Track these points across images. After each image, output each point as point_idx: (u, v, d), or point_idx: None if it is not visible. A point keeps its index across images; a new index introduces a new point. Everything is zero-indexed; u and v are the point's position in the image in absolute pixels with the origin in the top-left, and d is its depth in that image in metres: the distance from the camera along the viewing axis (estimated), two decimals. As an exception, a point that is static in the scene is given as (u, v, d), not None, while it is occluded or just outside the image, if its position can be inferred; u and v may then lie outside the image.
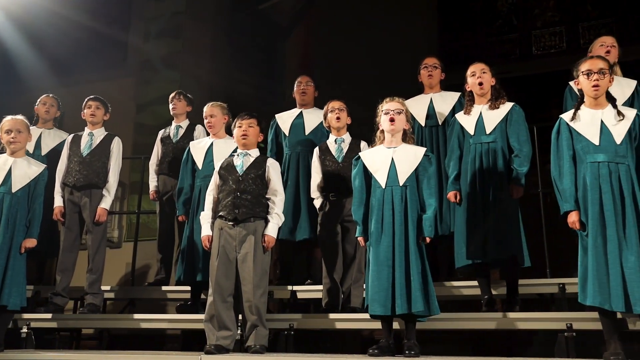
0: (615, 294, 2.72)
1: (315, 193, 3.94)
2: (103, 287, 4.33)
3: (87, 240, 4.26)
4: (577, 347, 3.07)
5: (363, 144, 3.89)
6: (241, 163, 3.51)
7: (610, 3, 7.18)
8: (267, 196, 3.48)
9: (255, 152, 3.58)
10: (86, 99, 4.47)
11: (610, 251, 2.77)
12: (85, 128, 4.45)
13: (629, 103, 3.66)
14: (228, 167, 3.54)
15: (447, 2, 7.63)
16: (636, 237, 2.77)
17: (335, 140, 3.97)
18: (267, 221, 3.43)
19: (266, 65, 6.93)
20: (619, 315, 2.95)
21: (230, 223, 3.40)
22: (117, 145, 4.38)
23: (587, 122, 2.97)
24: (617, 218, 2.80)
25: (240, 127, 3.56)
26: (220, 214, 3.45)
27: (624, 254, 2.76)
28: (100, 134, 4.42)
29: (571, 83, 3.93)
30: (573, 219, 2.91)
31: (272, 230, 3.42)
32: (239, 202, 3.40)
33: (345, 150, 3.93)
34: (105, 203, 4.23)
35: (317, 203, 3.93)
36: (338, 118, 3.94)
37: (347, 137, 3.99)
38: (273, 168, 3.53)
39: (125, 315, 4.23)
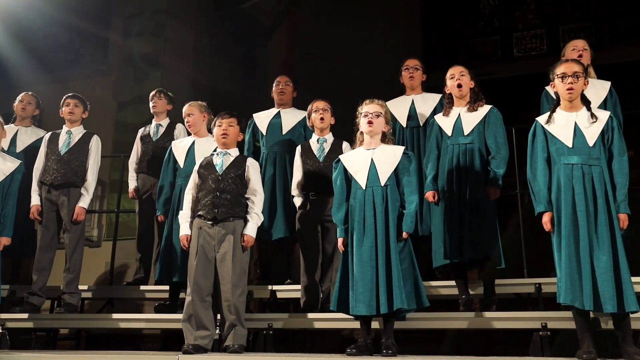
0: (585, 292, 2.77)
1: (295, 191, 3.95)
2: (81, 287, 4.29)
3: (64, 239, 4.21)
4: (552, 346, 3.12)
5: (345, 144, 3.91)
6: (221, 162, 3.51)
7: (589, 7, 7.28)
8: (246, 196, 3.48)
9: (235, 152, 3.57)
10: (64, 97, 4.42)
11: (582, 250, 2.82)
12: (64, 126, 4.40)
13: (604, 105, 3.72)
14: (207, 167, 3.53)
15: (430, 4, 7.68)
16: (608, 237, 2.82)
17: (318, 140, 3.98)
18: (246, 221, 3.43)
19: (248, 65, 6.92)
20: (592, 315, 3.00)
21: (209, 222, 3.39)
22: (95, 144, 4.34)
23: (562, 124, 3.02)
24: (590, 218, 2.85)
25: (220, 126, 3.55)
26: (199, 213, 3.44)
27: (596, 254, 2.81)
28: (78, 132, 4.37)
29: (547, 87, 3.99)
30: (545, 219, 2.96)
31: (251, 230, 3.42)
32: (218, 202, 3.40)
33: (327, 150, 3.94)
34: (84, 202, 4.19)
35: (297, 201, 3.93)
36: (322, 119, 3.95)
37: (329, 137, 4.00)
38: (253, 168, 3.53)
39: (103, 315, 4.20)
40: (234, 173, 3.47)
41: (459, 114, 3.66)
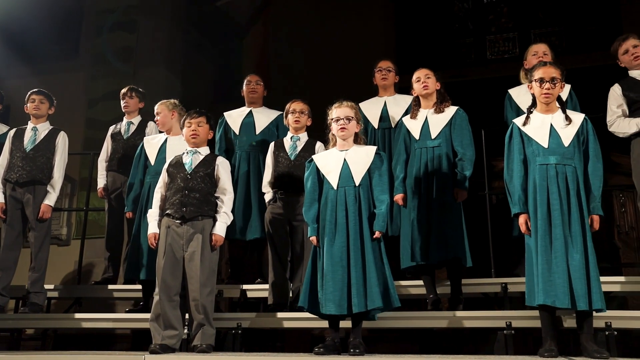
0: (561, 291, 2.81)
1: (266, 188, 3.95)
2: (47, 286, 4.22)
3: (30, 237, 4.14)
4: (516, 344, 3.17)
5: (319, 144, 3.91)
6: (190, 161, 3.49)
7: (559, 12, 7.42)
8: (216, 195, 3.46)
9: (205, 150, 3.55)
10: (29, 93, 4.34)
11: (557, 249, 2.86)
12: (29, 122, 4.32)
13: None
14: (177, 165, 3.50)
15: (405, 5, 7.73)
16: (581, 236, 2.88)
17: (291, 138, 3.99)
18: (215, 220, 3.42)
19: (223, 62, 6.88)
20: (557, 313, 3.07)
21: (178, 221, 3.37)
22: (62, 140, 4.27)
23: (538, 126, 3.07)
24: (564, 217, 2.90)
25: (189, 126, 3.53)
26: (167, 212, 3.41)
27: (570, 252, 2.85)
28: (44, 128, 4.29)
29: (510, 91, 4.06)
30: (521, 221, 3.00)
31: (220, 229, 3.41)
32: (187, 201, 3.38)
33: (299, 148, 3.94)
34: (50, 199, 4.13)
35: (268, 197, 3.93)
36: (297, 121, 3.96)
37: (303, 137, 4.00)
38: (223, 166, 3.51)
39: (67, 315, 4.13)
40: (204, 172, 3.45)
41: (426, 117, 3.70)
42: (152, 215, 3.48)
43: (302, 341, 4.39)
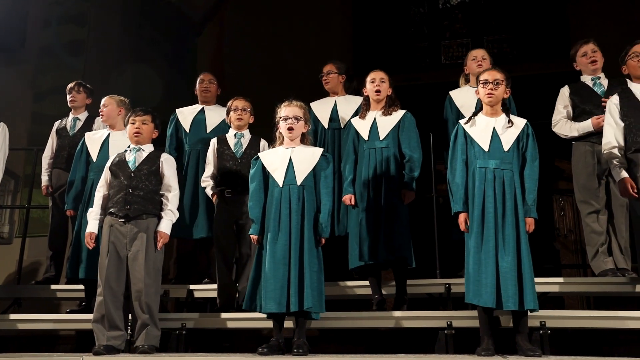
0: (486, 291, 2.91)
1: (205, 182, 3.90)
2: (-15, 286, 4.08)
3: (-34, 235, 3.99)
4: (456, 343, 3.25)
5: (263, 142, 3.92)
6: (133, 158, 3.44)
7: (510, 20, 7.61)
8: (161, 192, 3.42)
9: (148, 148, 3.51)
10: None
11: (487, 251, 2.95)
12: (-34, 114, 4.16)
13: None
14: (120, 163, 3.44)
15: (363, 7, 7.78)
16: (513, 239, 2.97)
17: (235, 135, 3.96)
18: (160, 218, 3.37)
19: (176, 59, 6.76)
20: (495, 313, 3.15)
21: (121, 220, 3.32)
22: (2, 133, 4.11)
23: (481, 128, 3.15)
24: (497, 220, 2.99)
25: (133, 123, 3.47)
26: (110, 210, 3.36)
27: (501, 254, 2.94)
28: (-18, 120, 4.14)
29: (451, 92, 4.17)
30: (461, 219, 3.09)
31: (165, 227, 3.37)
32: (131, 199, 3.33)
33: (244, 146, 3.92)
34: (-14, 195, 3.99)
35: (208, 191, 3.89)
36: (239, 118, 3.94)
37: (247, 134, 3.99)
38: (167, 163, 3.47)
39: (2, 316, 3.98)
40: (148, 169, 3.41)
41: (375, 118, 3.74)
42: (92, 214, 3.42)
43: (251, 341, 4.37)
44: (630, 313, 3.21)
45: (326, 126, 4.27)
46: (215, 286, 3.92)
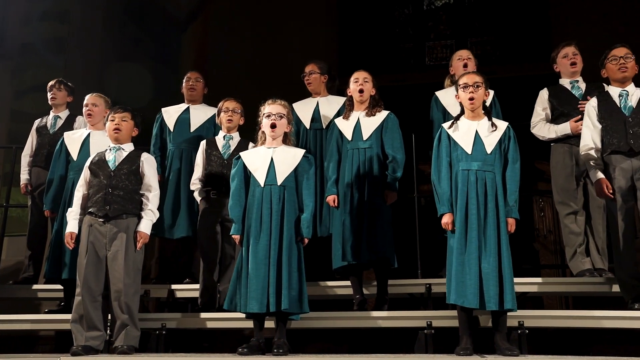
0: (470, 292, 2.94)
1: (194, 185, 3.89)
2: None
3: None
4: (435, 343, 3.27)
5: (251, 145, 3.90)
6: (113, 158, 3.41)
7: (494, 22, 7.68)
8: (141, 192, 3.40)
9: (129, 147, 3.48)
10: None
11: (470, 252, 2.99)
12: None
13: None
14: (99, 162, 3.42)
15: (348, 8, 7.80)
16: (495, 241, 3.00)
17: (224, 137, 3.95)
18: (140, 218, 3.35)
19: (160, 58, 6.72)
20: (475, 313, 3.18)
21: (101, 220, 3.29)
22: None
23: (464, 131, 3.18)
24: (480, 222, 3.02)
25: (112, 120, 3.44)
26: (90, 210, 3.33)
27: (483, 256, 2.98)
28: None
29: (437, 93, 4.19)
30: (446, 220, 3.11)
31: (145, 227, 3.35)
32: (110, 198, 3.30)
33: (232, 147, 3.92)
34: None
35: (197, 194, 3.88)
36: (230, 120, 3.93)
37: (236, 136, 3.99)
38: (148, 163, 3.45)
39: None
40: (128, 168, 3.38)
41: (358, 118, 3.75)
42: (72, 214, 3.39)
43: (233, 342, 4.36)
44: (607, 313, 3.25)
45: (308, 126, 4.27)
46: (196, 286, 3.91)
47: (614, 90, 3.45)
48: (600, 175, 3.31)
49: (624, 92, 3.41)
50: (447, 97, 4.10)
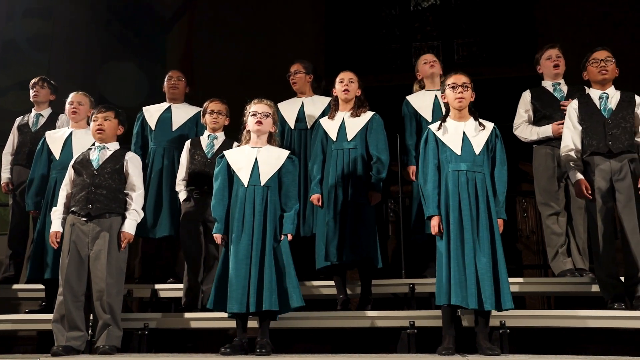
0: (470, 292, 2.94)
1: (179, 186, 3.88)
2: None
3: None
4: (418, 342, 3.29)
5: (235, 144, 3.89)
6: (97, 157, 3.40)
7: (480, 24, 7.73)
8: (125, 191, 3.38)
9: (113, 146, 3.47)
10: None
11: (467, 253, 2.98)
12: None
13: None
14: (83, 161, 3.41)
15: (334, 8, 7.81)
16: (488, 240, 3.01)
17: (209, 137, 3.94)
18: (124, 217, 3.34)
19: (145, 56, 6.67)
20: (458, 313, 3.20)
21: (83, 219, 3.27)
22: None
23: (452, 133, 3.19)
24: (473, 222, 3.03)
25: (95, 120, 3.43)
26: (72, 209, 3.32)
27: (477, 256, 2.99)
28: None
29: (408, 97, 4.23)
30: (434, 223, 3.10)
31: (129, 227, 3.33)
32: (93, 197, 3.28)
33: (216, 147, 3.91)
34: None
35: (182, 196, 3.86)
36: (215, 121, 3.93)
37: (220, 136, 3.98)
38: (132, 162, 3.43)
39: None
40: (112, 167, 3.37)
41: (343, 119, 3.76)
42: (56, 213, 3.37)
43: (217, 342, 4.35)
44: (587, 312, 3.29)
45: (293, 127, 4.27)
46: (180, 286, 3.90)
47: (594, 93, 3.50)
48: (580, 176, 3.35)
49: (604, 95, 3.46)
50: (418, 100, 4.14)
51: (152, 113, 4.39)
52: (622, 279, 3.35)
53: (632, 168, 3.29)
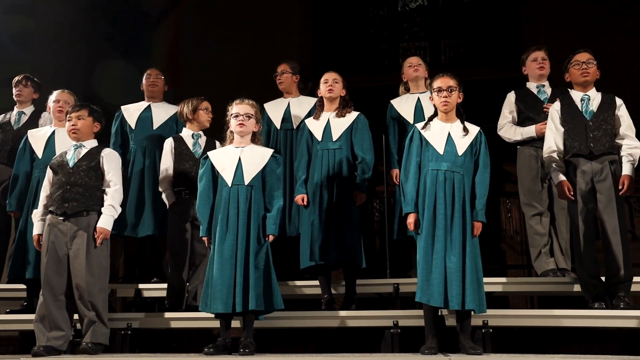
0: (436, 290, 2.97)
1: (163, 186, 3.84)
2: None
3: None
4: (402, 342, 3.30)
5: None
6: (73, 155, 3.38)
7: (467, 25, 7.78)
8: (103, 188, 3.36)
9: (90, 143, 3.45)
10: None
11: (437, 251, 3.01)
12: None
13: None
14: (59, 161, 3.39)
15: (323, 8, 7.82)
16: (460, 240, 3.04)
17: (193, 135, 3.92)
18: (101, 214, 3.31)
19: (131, 55, 6.62)
20: (441, 313, 3.22)
21: (61, 218, 3.25)
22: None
23: (437, 132, 3.21)
24: (446, 222, 3.05)
25: (69, 120, 3.41)
26: (50, 208, 3.30)
27: (448, 254, 3.01)
28: None
29: (392, 101, 4.25)
30: (410, 220, 3.13)
31: (105, 222, 3.29)
32: (69, 196, 3.26)
33: (202, 146, 3.90)
34: None
35: (169, 198, 3.82)
36: (209, 120, 3.94)
37: (202, 135, 3.97)
38: (108, 158, 3.41)
39: None
40: (87, 165, 3.34)
41: (328, 119, 3.77)
42: (37, 215, 3.36)
43: (201, 342, 4.33)
44: (568, 312, 3.33)
45: (278, 127, 4.26)
46: (164, 285, 3.87)
47: (576, 95, 3.53)
48: (562, 177, 3.39)
49: (586, 97, 3.50)
50: (401, 104, 4.16)
51: (131, 112, 4.36)
52: (603, 279, 3.38)
53: (612, 169, 3.33)
